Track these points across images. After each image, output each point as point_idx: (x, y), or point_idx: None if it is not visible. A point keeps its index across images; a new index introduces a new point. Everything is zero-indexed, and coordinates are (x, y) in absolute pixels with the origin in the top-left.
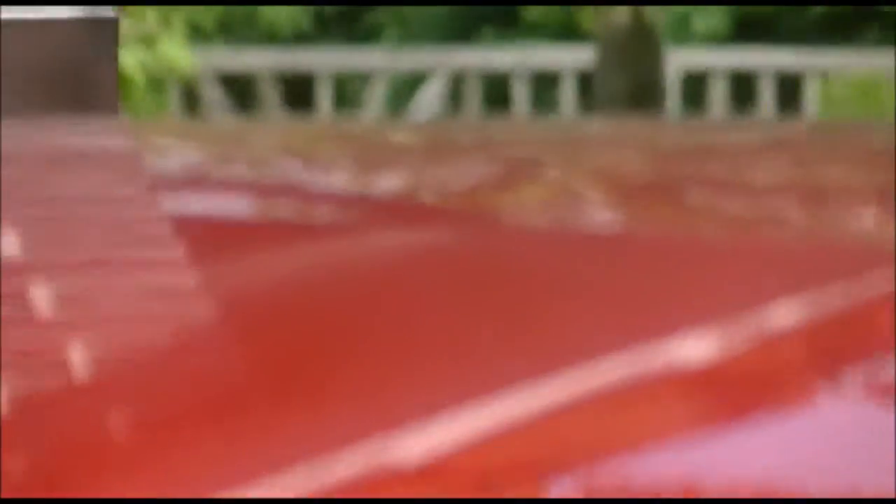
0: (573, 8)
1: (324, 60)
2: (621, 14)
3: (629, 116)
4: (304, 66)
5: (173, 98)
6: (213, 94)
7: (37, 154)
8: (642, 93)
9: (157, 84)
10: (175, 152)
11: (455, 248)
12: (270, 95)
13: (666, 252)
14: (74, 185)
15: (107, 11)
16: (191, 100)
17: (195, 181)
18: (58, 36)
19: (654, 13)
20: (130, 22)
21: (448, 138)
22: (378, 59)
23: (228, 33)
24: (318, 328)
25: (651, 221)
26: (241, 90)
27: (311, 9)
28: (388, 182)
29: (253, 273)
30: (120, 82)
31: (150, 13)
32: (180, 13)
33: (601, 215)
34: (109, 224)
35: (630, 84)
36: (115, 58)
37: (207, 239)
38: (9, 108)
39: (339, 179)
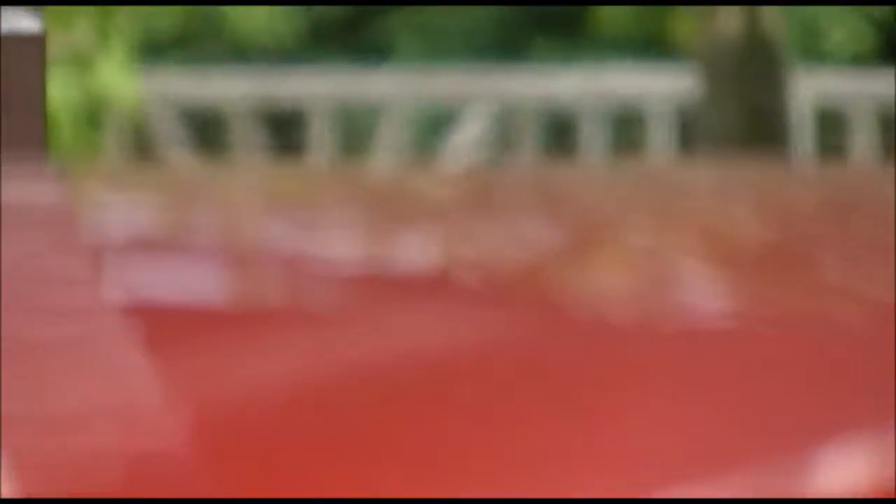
0: (661, 15)
1: (318, 85)
2: (729, 22)
3: (741, 160)
4: (290, 93)
5: (112, 136)
6: (167, 131)
7: None
8: (760, 129)
9: (90, 118)
10: (120, 206)
11: (502, 345)
12: (245, 132)
13: (792, 350)
14: None
15: (30, 23)
16: (138, 138)
17: (149, 246)
18: None
19: (772, 18)
20: (55, 37)
21: (493, 191)
22: (394, 84)
23: (186, 49)
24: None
25: (772, 306)
26: (205, 125)
27: (298, 17)
28: (411, 251)
29: (225, 373)
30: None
31: (81, 23)
32: (121, 23)
33: (704, 299)
34: (41, 303)
35: (743, 117)
36: (41, 83)
37: (165, 324)
38: None
39: (344, 245)
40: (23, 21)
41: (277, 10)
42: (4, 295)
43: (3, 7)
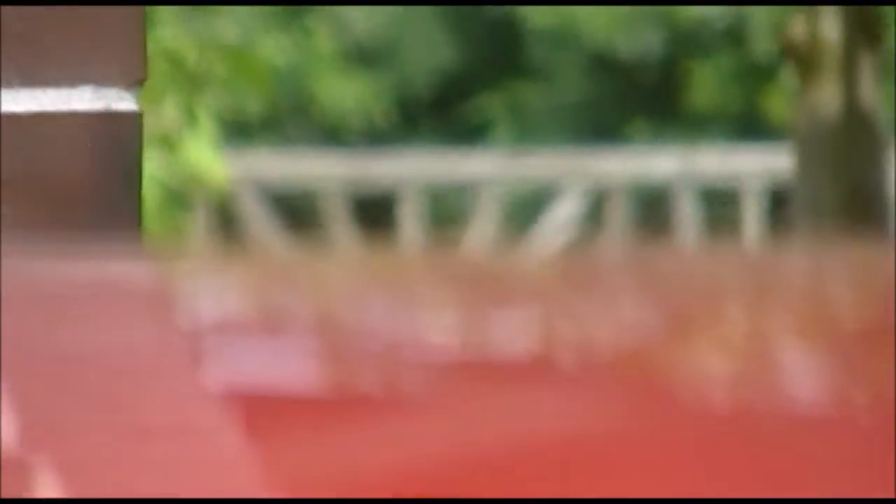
0: (757, 97)
1: (410, 166)
2: (826, 98)
3: (838, 238)
4: (382, 174)
5: (199, 216)
6: (255, 212)
7: (41, 294)
8: (857, 207)
9: (177, 199)
10: (214, 289)
11: (602, 429)
12: (335, 213)
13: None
14: (90, 335)
15: (127, 102)
16: (226, 219)
17: (243, 330)
18: (66, 135)
19: (869, 93)
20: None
21: (589, 271)
22: (487, 165)
23: (275, 130)
24: None
25: (874, 390)
26: (294, 206)
27: (389, 97)
28: (508, 333)
29: (323, 460)
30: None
31: (169, 102)
32: (209, 103)
33: (804, 383)
34: (138, 387)
35: (840, 195)
36: (137, 162)
37: (261, 410)
38: (8, 225)
39: (440, 328)
40: (119, 99)
41: (368, 90)
42: (96, 382)
43: (100, 86)
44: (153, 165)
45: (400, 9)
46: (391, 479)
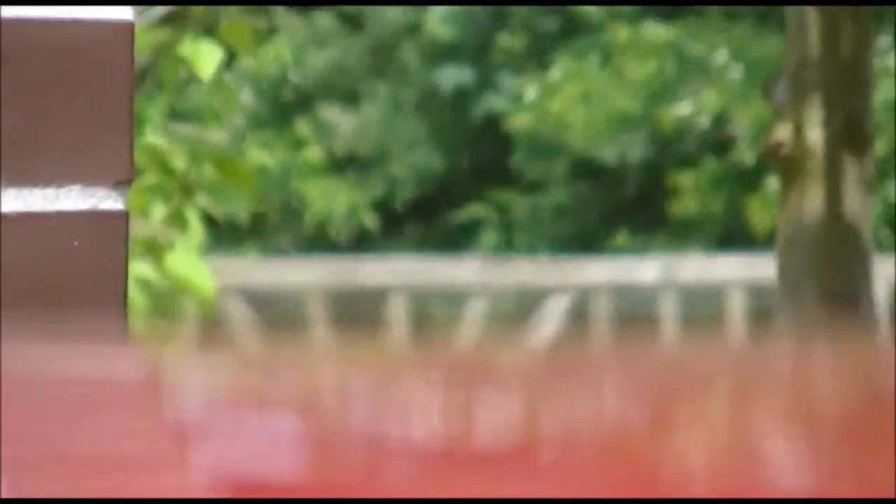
0: (741, 204)
1: (396, 271)
2: (812, 205)
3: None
4: (368, 281)
5: (186, 322)
6: (241, 316)
7: (30, 391)
8: (843, 314)
9: (163, 304)
10: (200, 384)
11: None
12: (322, 318)
13: None
14: (80, 431)
15: (113, 202)
16: (210, 323)
17: (229, 424)
18: (53, 234)
19: (856, 203)
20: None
21: (572, 366)
22: (474, 271)
23: (262, 238)
24: None
25: (857, 481)
26: (279, 311)
27: (376, 203)
28: (492, 426)
29: None
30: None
31: (158, 209)
32: (198, 209)
33: (787, 474)
34: (128, 479)
35: (826, 302)
36: (123, 262)
37: (248, 500)
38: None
39: (423, 421)
40: (107, 198)
41: (355, 194)
42: (89, 482)
43: (85, 187)
44: (140, 270)
45: (386, 114)
46: None
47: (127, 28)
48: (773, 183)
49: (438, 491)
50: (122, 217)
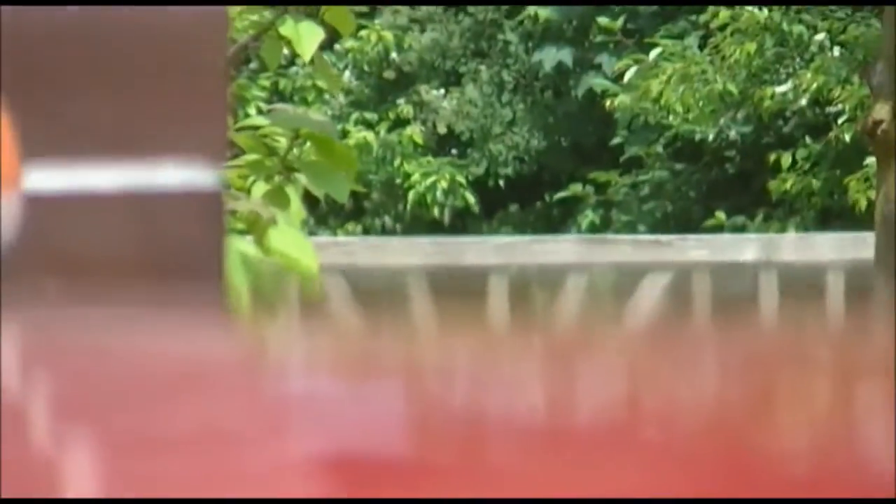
0: (840, 176)
1: (497, 252)
2: None
3: None
4: (469, 260)
5: (288, 301)
6: (342, 297)
7: (131, 370)
8: None
9: (265, 285)
10: (300, 363)
11: (687, 500)
12: (423, 299)
13: None
14: (180, 411)
15: (209, 180)
16: (312, 303)
17: (329, 403)
18: (155, 212)
19: None
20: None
21: (673, 345)
22: (574, 251)
23: (364, 218)
24: None
25: None
26: (381, 292)
27: (477, 184)
28: (594, 406)
29: None
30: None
31: (259, 188)
32: (298, 190)
33: (886, 457)
34: (228, 460)
35: None
36: (219, 242)
37: (348, 482)
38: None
39: (525, 401)
40: (202, 178)
41: (459, 177)
42: (191, 456)
43: (182, 165)
44: (243, 247)
45: (487, 94)
46: None
47: (220, 12)
48: (871, 162)
49: (538, 470)
50: (218, 195)
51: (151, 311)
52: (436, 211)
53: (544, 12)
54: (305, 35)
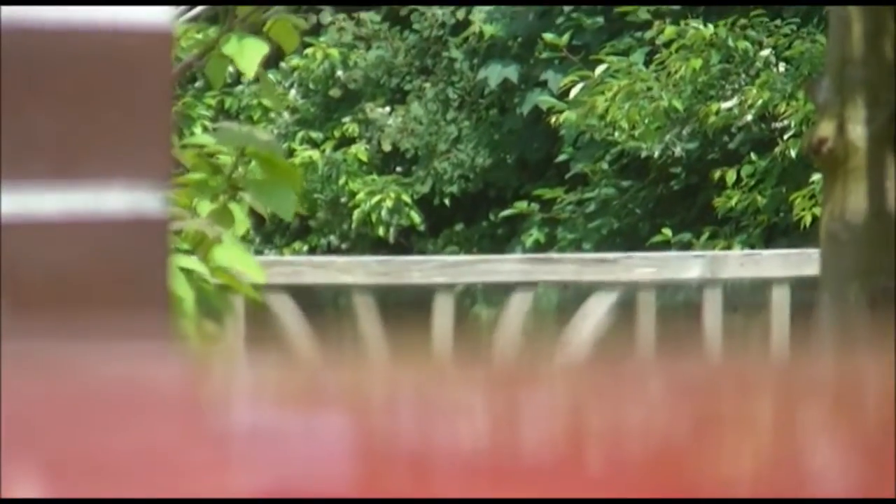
0: (786, 193)
1: (442, 270)
2: (856, 201)
3: (872, 339)
4: (414, 278)
5: (233, 321)
6: (288, 315)
7: (70, 397)
8: (887, 312)
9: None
10: (245, 392)
11: None
12: (367, 316)
13: None
14: (120, 438)
15: (156, 201)
16: (257, 322)
17: (274, 434)
18: (94, 236)
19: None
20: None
21: (618, 376)
22: (518, 269)
23: (309, 237)
24: None
25: None
26: (326, 310)
27: (421, 201)
28: (538, 438)
29: None
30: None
31: (204, 206)
32: (243, 209)
33: (841, 489)
34: (166, 492)
35: (866, 300)
36: (164, 268)
37: None
38: (33, 329)
39: (469, 433)
40: (148, 199)
41: (403, 196)
42: (132, 484)
43: (126, 189)
44: (188, 264)
45: (433, 111)
46: None
47: (165, 32)
48: (817, 179)
49: (480, 497)
50: (163, 218)
51: (97, 338)
52: (381, 230)
53: (490, 28)
54: (248, 52)
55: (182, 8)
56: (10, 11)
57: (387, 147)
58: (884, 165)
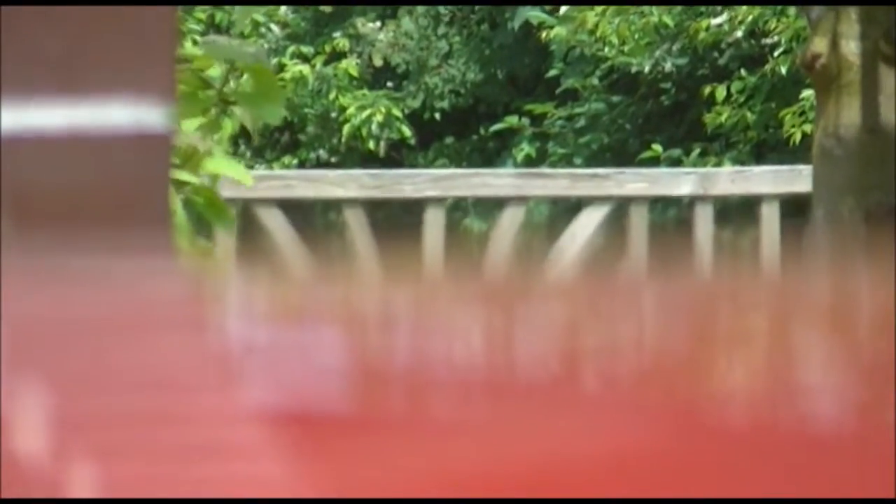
0: (776, 109)
1: (433, 184)
2: (848, 117)
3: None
4: (405, 192)
5: (225, 233)
6: (280, 229)
7: (76, 317)
8: (879, 228)
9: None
10: (244, 308)
11: (628, 450)
12: (359, 230)
13: None
14: (127, 356)
15: (158, 117)
16: (249, 236)
17: (273, 350)
18: (98, 150)
19: (890, 119)
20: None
21: (612, 293)
22: (509, 184)
23: (299, 150)
24: None
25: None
26: (317, 224)
27: (413, 116)
28: (533, 355)
29: (350, 480)
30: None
31: (194, 121)
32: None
33: (827, 403)
34: (175, 407)
35: (859, 215)
36: (165, 182)
37: (290, 431)
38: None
39: (464, 350)
40: (151, 117)
41: (394, 111)
42: (136, 401)
43: (129, 104)
44: (180, 181)
45: (423, 27)
46: (415, 496)
47: None
48: (807, 95)
49: (479, 419)
50: (166, 134)
51: (98, 254)
52: (371, 144)
53: None
54: None
55: None
56: None
57: (378, 62)
58: (877, 81)
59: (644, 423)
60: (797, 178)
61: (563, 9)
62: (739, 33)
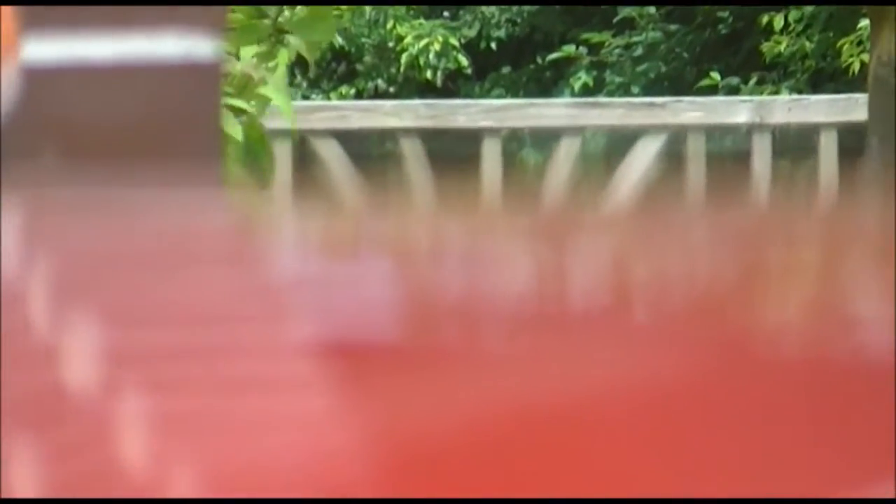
0: (833, 39)
1: (488, 114)
2: None
3: None
4: (461, 123)
5: (279, 163)
6: (334, 158)
7: (123, 249)
8: None
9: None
10: (294, 241)
11: (674, 381)
12: (414, 160)
13: None
14: (176, 288)
15: (209, 48)
16: (304, 164)
17: (321, 283)
18: (148, 81)
19: None
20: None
21: (663, 226)
22: (567, 113)
23: (355, 80)
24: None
25: None
26: (372, 153)
27: (469, 46)
28: (583, 286)
29: (401, 413)
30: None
31: (247, 51)
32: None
33: (884, 339)
34: (223, 341)
35: None
36: (216, 111)
37: (341, 364)
38: (85, 175)
39: (515, 281)
40: (201, 48)
41: (451, 40)
42: (184, 334)
43: (180, 35)
44: (235, 108)
45: None
46: (467, 430)
47: None
48: (864, 25)
49: (529, 351)
50: (217, 64)
51: (149, 187)
52: (428, 73)
53: None
54: None
55: None
56: None
57: None
58: None
59: (695, 355)
60: (854, 107)
61: None
62: None
